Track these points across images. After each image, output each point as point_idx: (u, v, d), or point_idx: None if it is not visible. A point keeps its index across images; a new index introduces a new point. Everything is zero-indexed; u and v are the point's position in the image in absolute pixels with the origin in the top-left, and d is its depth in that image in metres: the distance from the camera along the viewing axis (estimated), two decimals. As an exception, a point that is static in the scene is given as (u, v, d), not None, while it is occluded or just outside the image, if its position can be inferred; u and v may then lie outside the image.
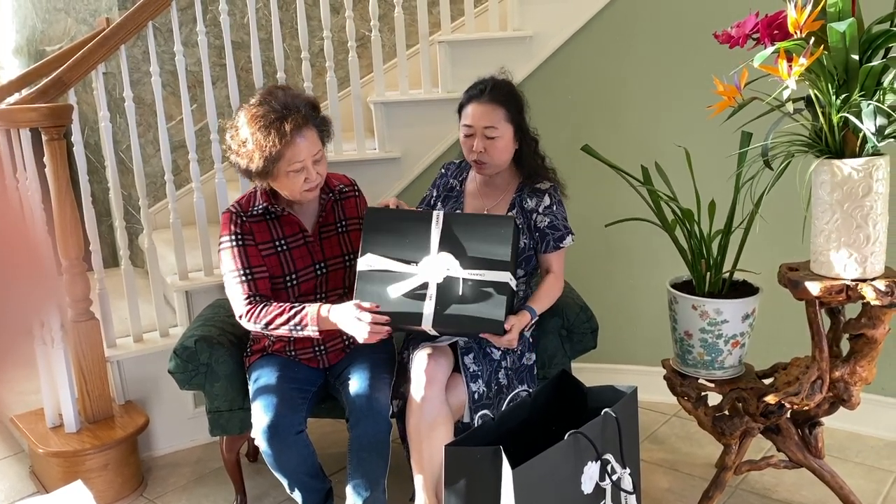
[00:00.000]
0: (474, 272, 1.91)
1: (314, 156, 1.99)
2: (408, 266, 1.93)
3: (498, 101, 2.08)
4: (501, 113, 2.07)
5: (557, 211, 2.14)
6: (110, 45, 2.55)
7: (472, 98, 2.11)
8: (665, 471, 2.49)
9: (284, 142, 1.92)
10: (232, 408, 2.20)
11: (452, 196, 2.25)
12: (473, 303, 1.91)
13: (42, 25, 3.87)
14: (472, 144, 2.08)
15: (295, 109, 1.95)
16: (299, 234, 2.12)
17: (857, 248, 1.78)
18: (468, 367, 2.03)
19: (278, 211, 2.09)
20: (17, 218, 0.45)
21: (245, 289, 2.03)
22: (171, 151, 2.85)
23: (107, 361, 2.60)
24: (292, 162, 1.95)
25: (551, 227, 2.12)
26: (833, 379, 1.93)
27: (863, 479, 2.36)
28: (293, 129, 1.93)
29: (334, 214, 2.19)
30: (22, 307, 0.45)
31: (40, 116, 2.33)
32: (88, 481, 2.31)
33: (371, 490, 1.97)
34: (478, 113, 2.07)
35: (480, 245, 1.92)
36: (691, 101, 2.64)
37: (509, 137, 2.09)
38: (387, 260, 1.94)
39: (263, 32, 3.21)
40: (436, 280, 1.91)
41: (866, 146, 1.73)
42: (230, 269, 2.05)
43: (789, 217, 2.22)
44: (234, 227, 2.07)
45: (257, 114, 1.95)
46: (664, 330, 2.27)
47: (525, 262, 2.13)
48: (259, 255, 2.08)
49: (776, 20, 1.73)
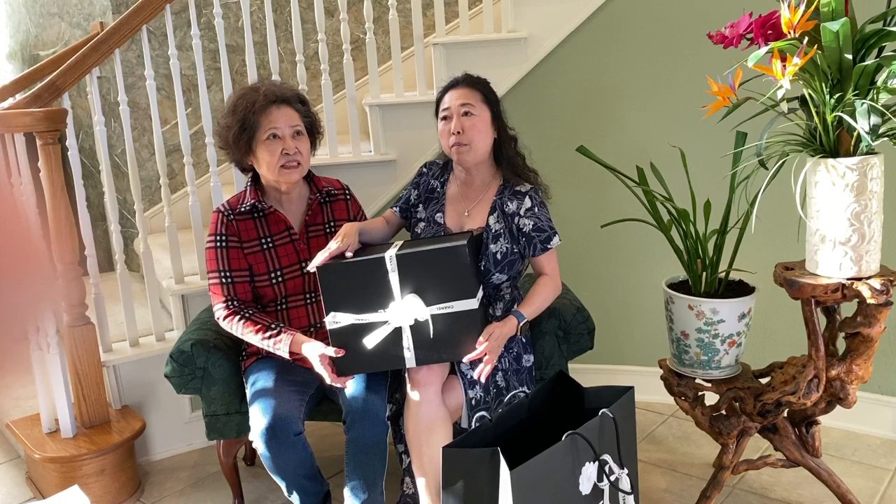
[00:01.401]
0: (442, 306, 1.90)
1: (292, 127, 2.09)
2: (376, 314, 1.91)
3: (474, 85, 2.13)
4: (478, 95, 2.11)
5: (540, 212, 2.12)
6: (104, 50, 2.55)
7: (447, 88, 2.17)
8: (663, 471, 2.49)
9: (260, 106, 2.06)
10: (229, 411, 2.20)
11: (433, 199, 2.23)
12: (449, 335, 1.91)
13: (36, 30, 3.86)
14: (450, 127, 2.09)
15: (275, 87, 2.12)
16: (285, 231, 2.16)
17: (852, 247, 1.78)
18: (465, 373, 2.02)
19: (265, 208, 2.14)
20: (12, 217, 0.45)
21: (223, 291, 2.11)
22: (166, 155, 2.85)
23: (103, 366, 2.60)
24: (267, 129, 2.06)
25: (536, 230, 2.10)
26: (829, 378, 1.94)
27: (860, 478, 2.36)
28: (266, 99, 2.08)
29: (322, 214, 2.22)
30: (17, 305, 0.45)
31: (34, 121, 2.33)
32: (85, 486, 2.31)
33: (369, 492, 1.97)
34: (454, 95, 2.12)
35: (440, 279, 1.89)
36: (686, 102, 2.65)
37: (487, 119, 2.11)
38: (353, 315, 1.92)
39: (258, 35, 3.21)
40: (408, 323, 1.91)
41: (860, 145, 1.74)
42: (211, 269, 2.14)
43: (784, 216, 2.23)
44: (220, 226, 2.14)
45: (245, 87, 2.17)
46: (661, 330, 2.28)
47: (508, 266, 2.11)
48: (242, 257, 2.13)
49: (770, 20, 1.74)
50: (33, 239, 0.46)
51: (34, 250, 0.46)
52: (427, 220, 2.21)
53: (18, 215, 0.45)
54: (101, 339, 2.61)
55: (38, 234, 2.36)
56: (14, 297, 0.44)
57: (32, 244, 0.45)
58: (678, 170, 2.22)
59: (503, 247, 2.10)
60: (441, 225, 2.17)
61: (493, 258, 2.10)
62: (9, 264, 0.44)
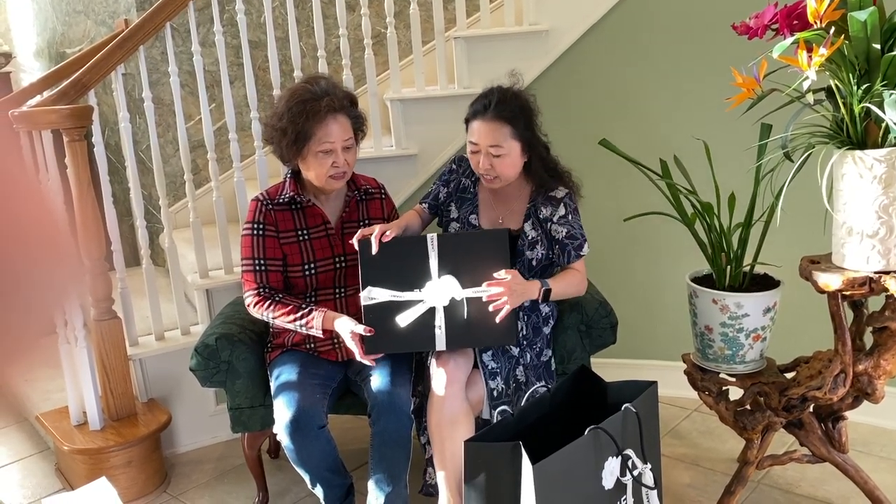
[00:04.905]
0: (478, 290, 1.93)
1: (345, 141, 2.06)
2: (412, 293, 1.96)
3: (504, 117, 2.00)
4: (507, 130, 2.00)
5: (573, 220, 2.10)
6: (129, 47, 2.58)
7: (476, 114, 2.04)
8: (686, 466, 2.47)
9: (318, 118, 2.01)
10: (253, 405, 2.22)
11: (466, 199, 2.20)
12: (482, 318, 1.93)
13: (62, 28, 3.91)
14: (479, 161, 2.04)
15: (333, 94, 2.05)
16: (321, 225, 2.17)
17: (879, 240, 1.76)
18: (487, 364, 2.03)
19: (304, 201, 2.14)
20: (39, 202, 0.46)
21: (256, 278, 2.11)
22: (191, 151, 2.88)
23: (129, 360, 2.63)
24: (322, 141, 2.02)
25: (570, 237, 2.08)
26: (856, 373, 1.91)
27: (888, 474, 2.33)
28: (327, 110, 2.01)
29: (358, 212, 2.23)
30: (46, 289, 0.45)
31: (61, 118, 2.36)
32: (112, 478, 2.34)
33: (393, 485, 1.98)
34: (483, 131, 2.01)
35: (479, 262, 1.94)
36: (709, 94, 2.62)
37: (517, 154, 2.04)
38: (389, 291, 1.96)
39: (280, 31, 3.22)
40: (442, 303, 1.94)
41: (889, 136, 1.71)
42: (246, 256, 2.13)
43: (810, 209, 2.19)
44: (258, 214, 2.14)
45: (297, 90, 2.07)
46: (684, 324, 2.26)
47: (541, 272, 2.11)
48: (277, 246, 2.13)
49: (795, 10, 1.71)
50: (60, 225, 0.46)
51: (61, 237, 0.46)
52: (461, 220, 2.19)
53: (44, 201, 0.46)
54: (127, 333, 2.64)
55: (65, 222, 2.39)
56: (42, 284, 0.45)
57: (59, 230, 0.46)
58: (702, 162, 2.20)
59: (539, 253, 2.10)
60: (476, 227, 2.16)
61: (528, 264, 2.10)
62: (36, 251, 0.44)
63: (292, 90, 2.09)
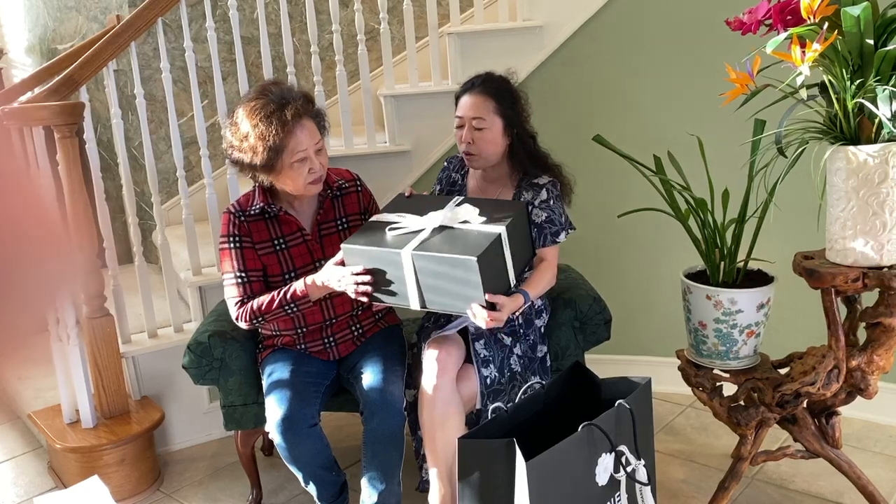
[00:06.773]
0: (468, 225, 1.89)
1: (316, 145, 1.99)
2: (414, 218, 1.92)
3: (488, 92, 2.09)
4: (491, 105, 2.08)
5: (555, 206, 2.12)
6: (121, 43, 2.56)
7: (464, 90, 2.14)
8: (681, 462, 2.48)
9: (287, 129, 1.92)
10: (246, 402, 2.21)
11: (455, 191, 2.24)
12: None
13: (53, 24, 3.89)
14: (462, 135, 2.10)
15: (292, 100, 1.96)
16: (297, 232, 2.11)
17: (873, 236, 1.76)
18: (479, 352, 2.02)
19: (275, 211, 2.08)
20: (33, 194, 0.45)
21: (240, 291, 2.06)
22: (183, 148, 2.86)
23: (122, 357, 2.62)
24: (295, 151, 1.94)
25: (548, 222, 2.10)
26: (850, 368, 1.92)
27: (881, 469, 2.34)
28: (294, 118, 1.93)
29: (334, 211, 2.16)
30: (42, 285, 0.44)
31: (52, 115, 2.34)
32: (105, 476, 2.33)
33: (386, 482, 1.97)
34: (468, 104, 2.10)
35: (491, 214, 1.92)
36: (703, 90, 2.62)
37: (498, 130, 2.09)
38: (395, 215, 1.95)
39: (273, 27, 3.21)
40: (432, 225, 1.88)
41: (882, 132, 1.71)
42: (227, 271, 2.09)
43: (804, 205, 2.19)
44: (232, 227, 2.08)
45: (256, 106, 1.94)
46: (678, 320, 2.26)
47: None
48: (256, 257, 2.08)
49: (789, 5, 1.71)
50: (56, 221, 0.45)
51: (57, 233, 0.45)
52: None
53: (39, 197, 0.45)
54: (119, 331, 2.63)
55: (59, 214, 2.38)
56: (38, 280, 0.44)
57: (55, 226, 0.45)
58: (696, 158, 2.19)
59: None
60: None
61: None
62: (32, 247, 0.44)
63: (249, 108, 1.95)
